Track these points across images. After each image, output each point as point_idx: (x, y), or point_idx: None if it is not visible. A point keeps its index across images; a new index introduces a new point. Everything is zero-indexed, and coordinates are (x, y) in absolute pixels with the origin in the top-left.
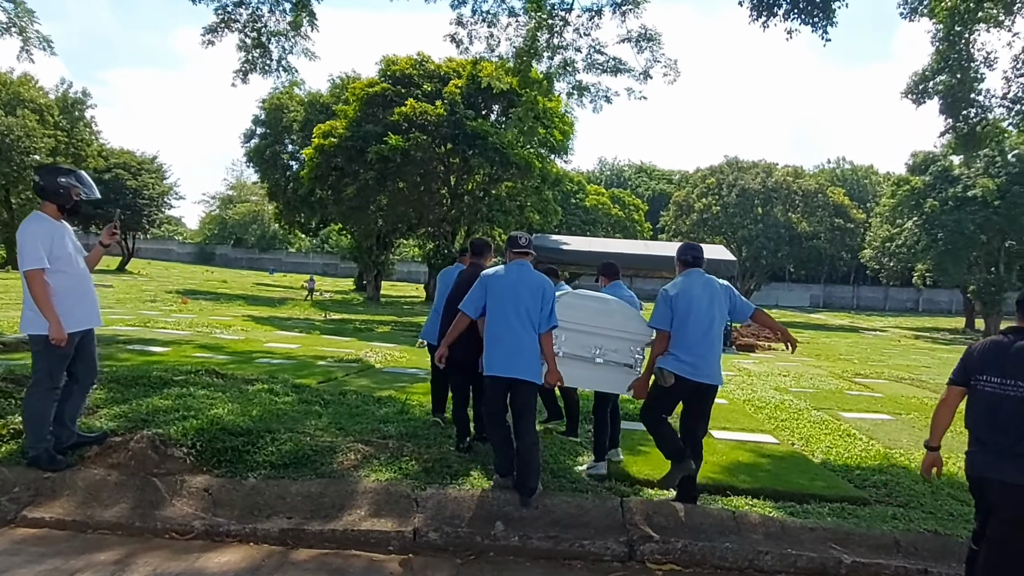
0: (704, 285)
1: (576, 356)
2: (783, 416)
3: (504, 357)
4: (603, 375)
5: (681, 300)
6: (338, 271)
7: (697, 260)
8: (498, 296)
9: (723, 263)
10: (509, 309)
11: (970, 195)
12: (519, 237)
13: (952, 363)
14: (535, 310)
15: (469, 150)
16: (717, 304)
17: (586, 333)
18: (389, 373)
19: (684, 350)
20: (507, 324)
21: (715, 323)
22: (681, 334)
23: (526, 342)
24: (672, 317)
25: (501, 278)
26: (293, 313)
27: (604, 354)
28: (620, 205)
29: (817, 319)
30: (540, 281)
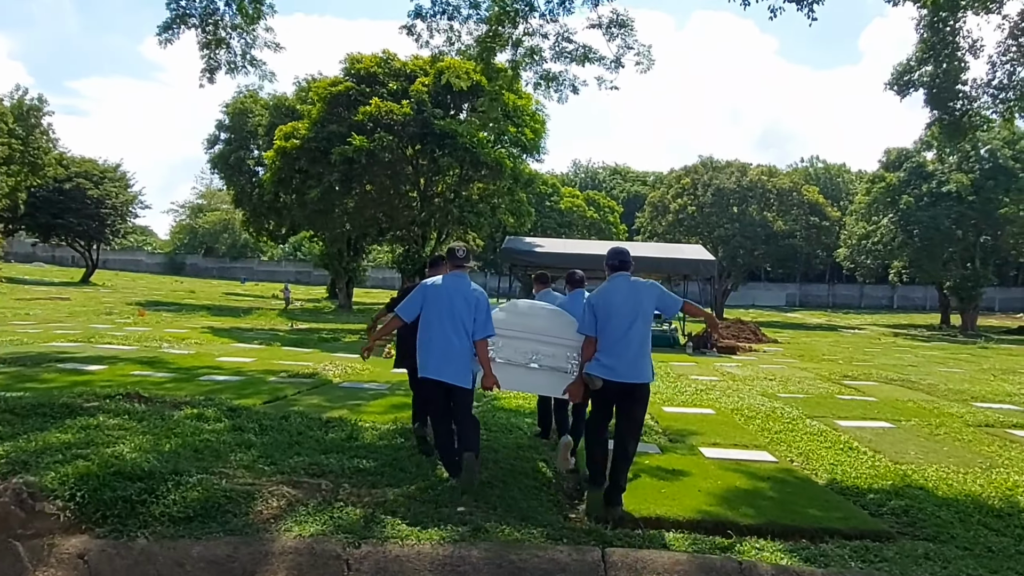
0: (627, 288)
1: (512, 362)
2: (777, 427)
3: (435, 361)
4: (539, 379)
5: (601, 305)
6: (311, 279)
7: (623, 264)
8: (434, 303)
9: (702, 263)
10: (444, 316)
11: (945, 190)
12: (457, 250)
13: (936, 361)
14: (468, 319)
15: (438, 150)
16: (640, 305)
17: (522, 339)
18: (346, 389)
19: (605, 353)
20: (440, 330)
21: (636, 324)
22: (602, 337)
23: (456, 348)
24: (596, 322)
25: (438, 287)
26: (258, 323)
27: (539, 359)
28: (595, 207)
29: (794, 318)
30: (474, 292)
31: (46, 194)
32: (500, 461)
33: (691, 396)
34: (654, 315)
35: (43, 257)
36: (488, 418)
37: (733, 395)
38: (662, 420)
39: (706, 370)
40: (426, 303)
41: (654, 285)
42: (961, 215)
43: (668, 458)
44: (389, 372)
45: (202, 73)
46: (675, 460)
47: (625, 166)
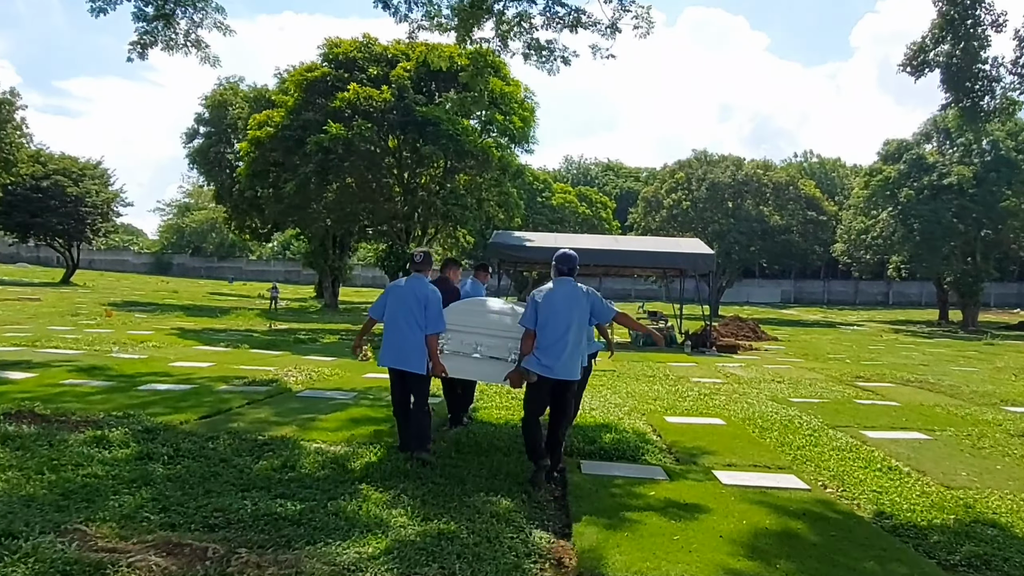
0: (567, 293)
1: (458, 352)
2: (798, 441)
3: (391, 352)
4: (482, 367)
5: (544, 306)
6: (300, 278)
7: (571, 271)
8: (393, 303)
9: (700, 257)
10: (400, 313)
11: (946, 183)
12: (415, 255)
13: (946, 359)
14: (420, 315)
15: (420, 139)
16: (576, 310)
17: (467, 333)
18: (304, 399)
19: (542, 352)
20: (396, 325)
21: (572, 327)
22: (541, 336)
23: (410, 340)
24: (536, 319)
25: (400, 288)
26: (234, 324)
27: (482, 350)
28: (587, 203)
29: (790, 315)
30: (426, 292)
31: (23, 192)
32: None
33: (695, 402)
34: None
35: (27, 257)
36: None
37: (741, 401)
38: (667, 434)
39: (708, 371)
40: (389, 302)
41: (592, 293)
42: (962, 208)
43: (678, 487)
44: (360, 377)
45: (132, 47)
46: (687, 490)
47: (618, 162)
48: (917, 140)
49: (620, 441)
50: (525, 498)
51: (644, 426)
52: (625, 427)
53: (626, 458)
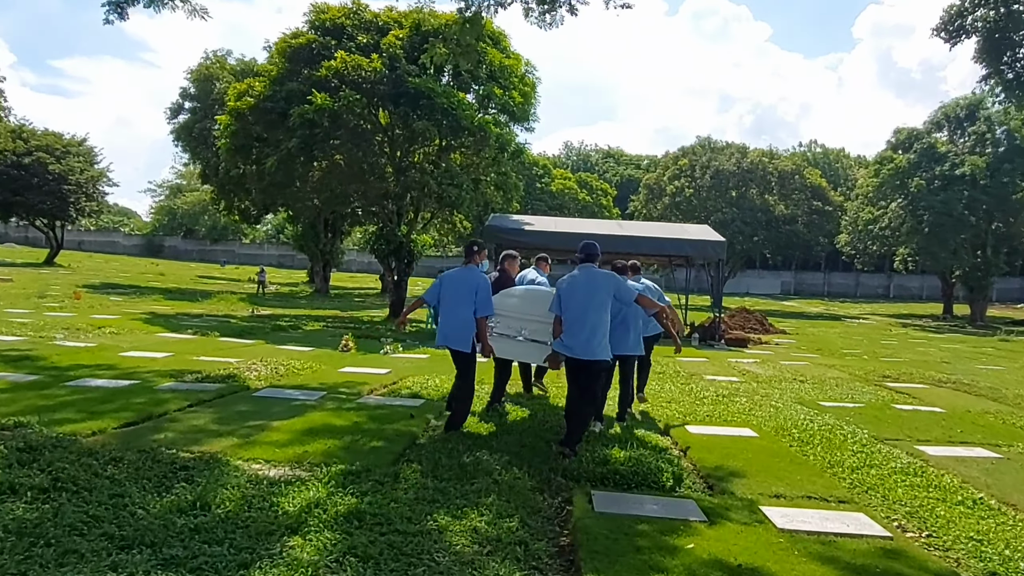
0: (588, 277)
1: (504, 335)
2: (849, 460)
3: (443, 333)
4: (524, 349)
5: (566, 292)
6: (294, 262)
7: (590, 257)
8: (446, 289)
9: (710, 244)
10: (452, 299)
11: (958, 173)
12: (468, 246)
13: (966, 356)
14: (471, 300)
15: (413, 112)
16: (595, 293)
17: (513, 318)
18: (260, 400)
19: (566, 333)
20: (448, 310)
21: (590, 310)
22: (564, 319)
23: (459, 322)
24: (560, 305)
25: (452, 276)
26: (214, 309)
27: (525, 333)
28: (588, 190)
29: (791, 307)
30: (477, 279)
31: (3, 169)
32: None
33: (714, 406)
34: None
35: (16, 238)
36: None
37: (766, 404)
38: (693, 449)
39: (721, 368)
40: (443, 289)
41: (612, 276)
42: (974, 200)
43: (722, 534)
44: (335, 372)
45: (108, 6)
46: (734, 538)
47: (618, 149)
48: (928, 129)
49: (637, 461)
50: (521, 552)
51: (662, 438)
52: (640, 439)
53: (647, 484)
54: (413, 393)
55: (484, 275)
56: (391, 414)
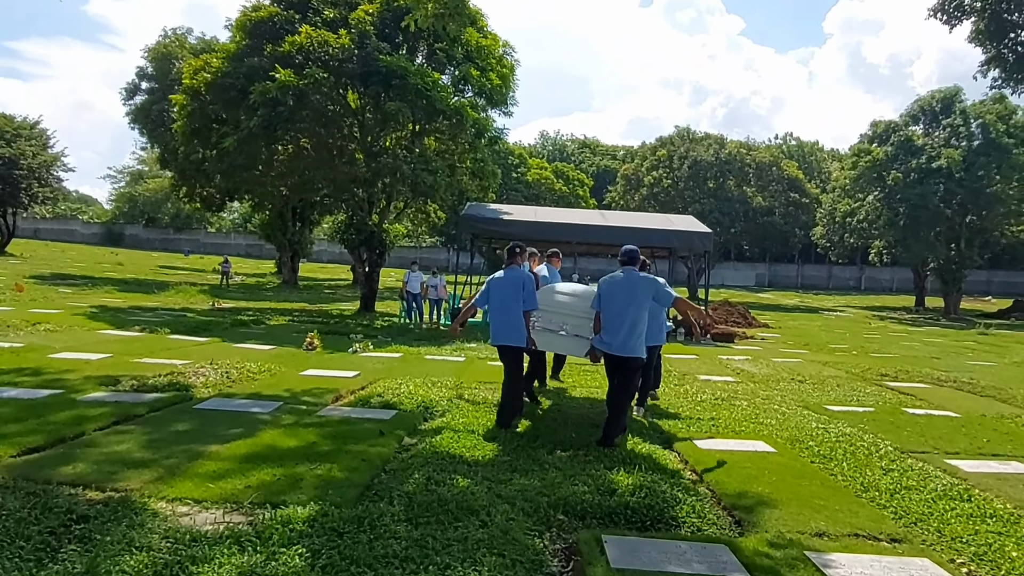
0: (626, 280)
1: (547, 329)
2: (882, 481)
3: (499, 332)
4: (567, 343)
5: (605, 290)
6: (262, 252)
7: (631, 260)
8: (496, 291)
9: (697, 236)
10: (502, 300)
11: (934, 167)
12: (511, 247)
13: (951, 351)
14: (519, 298)
15: (384, 93)
16: (634, 295)
17: (555, 313)
18: (204, 414)
19: (604, 331)
20: (500, 309)
21: (628, 310)
22: (603, 317)
23: (512, 320)
24: (600, 302)
25: (500, 279)
26: (171, 301)
27: (567, 328)
28: (564, 180)
29: (767, 299)
30: (523, 277)
31: None
32: None
33: (715, 411)
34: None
35: None
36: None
37: (770, 409)
38: (706, 471)
39: (714, 366)
40: (492, 291)
41: (652, 279)
42: (949, 193)
43: None
44: (296, 376)
45: None
46: None
47: (594, 139)
48: (904, 122)
49: (648, 490)
50: None
51: (670, 456)
52: (647, 459)
53: (664, 521)
54: (384, 402)
55: (528, 273)
56: (357, 431)
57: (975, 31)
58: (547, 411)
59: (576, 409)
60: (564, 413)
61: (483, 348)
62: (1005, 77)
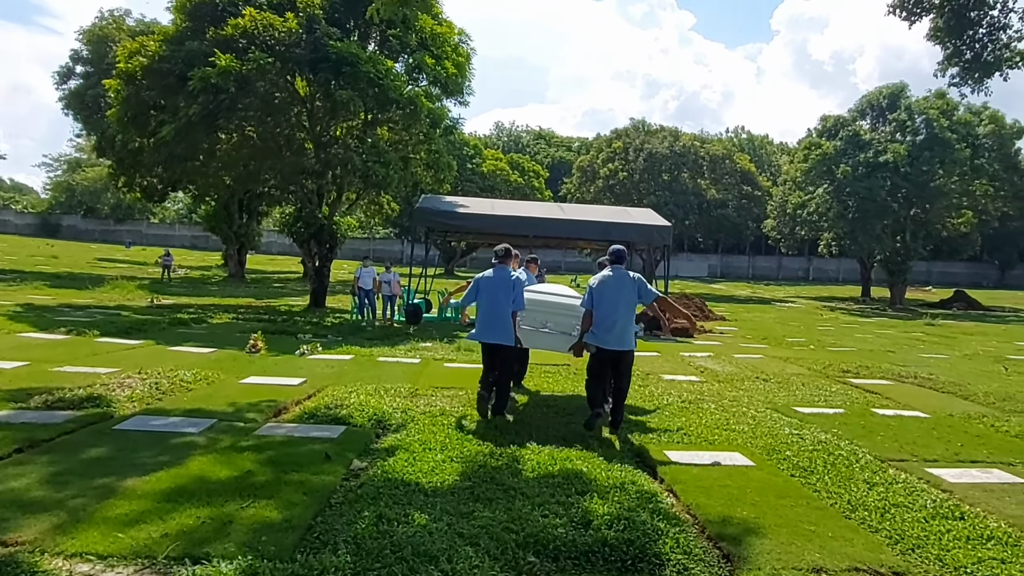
0: (616, 278)
1: (532, 327)
2: (867, 496)
3: (487, 330)
4: (551, 340)
5: (596, 290)
6: (209, 244)
7: (620, 259)
8: (484, 290)
9: (656, 230)
10: (492, 298)
11: (881, 160)
12: (498, 249)
13: (903, 343)
14: (509, 298)
15: (334, 81)
16: (624, 292)
17: (540, 312)
18: (126, 435)
19: (597, 327)
20: (489, 308)
21: (620, 307)
22: (596, 315)
23: (502, 319)
24: (592, 301)
25: (489, 278)
26: (106, 298)
27: (551, 326)
28: (519, 171)
29: (720, 290)
30: (512, 277)
31: None
32: None
33: (683, 416)
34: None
35: None
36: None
37: (739, 412)
38: (684, 489)
39: (677, 364)
40: (480, 290)
41: (639, 279)
42: (895, 186)
43: None
44: (236, 384)
45: None
46: None
47: (549, 131)
48: (852, 116)
49: (627, 521)
50: None
51: (643, 475)
52: (620, 480)
53: (647, 560)
54: (332, 415)
55: (517, 274)
56: (300, 454)
57: (934, 28)
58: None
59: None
60: (527, 420)
61: (439, 347)
62: (963, 74)
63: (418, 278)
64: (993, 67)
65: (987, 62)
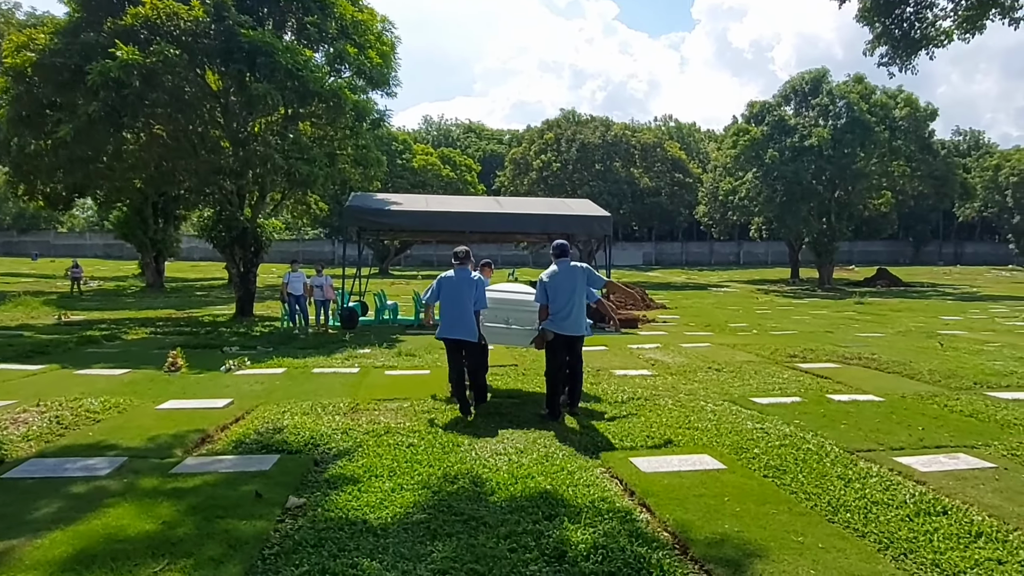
0: (567, 270)
1: (495, 323)
2: (846, 494)
3: (451, 327)
4: (512, 336)
5: (551, 283)
6: (124, 252)
7: (564, 253)
8: (447, 289)
9: (596, 221)
10: (455, 297)
11: (807, 145)
12: (458, 251)
13: (838, 323)
14: (471, 297)
15: (249, 73)
16: (577, 282)
17: (501, 310)
18: (17, 484)
19: (554, 315)
20: (453, 307)
21: (574, 296)
22: (552, 305)
23: (466, 317)
24: (546, 295)
25: (451, 278)
26: (6, 318)
27: (512, 322)
28: (451, 165)
29: (656, 277)
30: (474, 278)
31: None
32: None
33: (641, 414)
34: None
35: None
36: None
37: (697, 407)
38: (658, 501)
39: (626, 358)
40: (443, 289)
41: (587, 268)
42: (820, 169)
43: None
44: (152, 411)
45: None
46: None
47: (479, 124)
48: (777, 102)
49: (605, 550)
50: None
51: (610, 483)
52: (585, 498)
53: None
54: (263, 442)
55: (476, 275)
56: (227, 496)
57: (863, 8)
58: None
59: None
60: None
61: (378, 353)
62: (892, 54)
63: (352, 279)
64: (920, 44)
65: (914, 40)
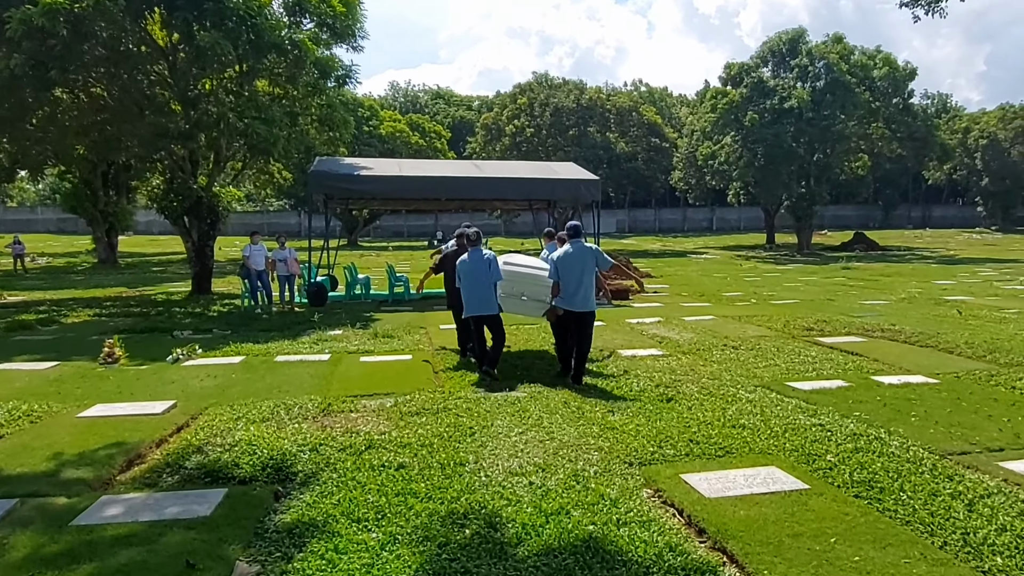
0: (577, 250)
1: (510, 295)
2: (972, 523)
3: (475, 304)
4: (526, 307)
5: (561, 262)
6: (78, 227)
7: (577, 234)
8: (465, 270)
9: (583, 184)
10: (474, 277)
11: (787, 107)
12: (469, 234)
13: (835, 289)
14: (488, 273)
15: (196, 22)
16: (586, 261)
17: (516, 283)
18: None
19: (564, 292)
20: (473, 285)
21: (583, 276)
22: (563, 283)
23: (486, 292)
24: (558, 273)
25: (466, 261)
26: None
27: (527, 294)
28: (420, 132)
29: (632, 244)
30: (487, 256)
31: None
32: None
33: (671, 412)
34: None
35: None
36: None
37: (732, 398)
38: (749, 556)
39: (628, 334)
40: (462, 272)
41: (596, 249)
42: (800, 132)
43: None
44: (73, 420)
45: None
46: None
47: (448, 89)
48: (756, 64)
49: None
50: None
51: (668, 517)
52: (641, 543)
53: None
54: (208, 466)
55: (491, 251)
56: (143, 566)
57: None
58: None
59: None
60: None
61: (351, 336)
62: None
63: (320, 252)
64: None
65: None
